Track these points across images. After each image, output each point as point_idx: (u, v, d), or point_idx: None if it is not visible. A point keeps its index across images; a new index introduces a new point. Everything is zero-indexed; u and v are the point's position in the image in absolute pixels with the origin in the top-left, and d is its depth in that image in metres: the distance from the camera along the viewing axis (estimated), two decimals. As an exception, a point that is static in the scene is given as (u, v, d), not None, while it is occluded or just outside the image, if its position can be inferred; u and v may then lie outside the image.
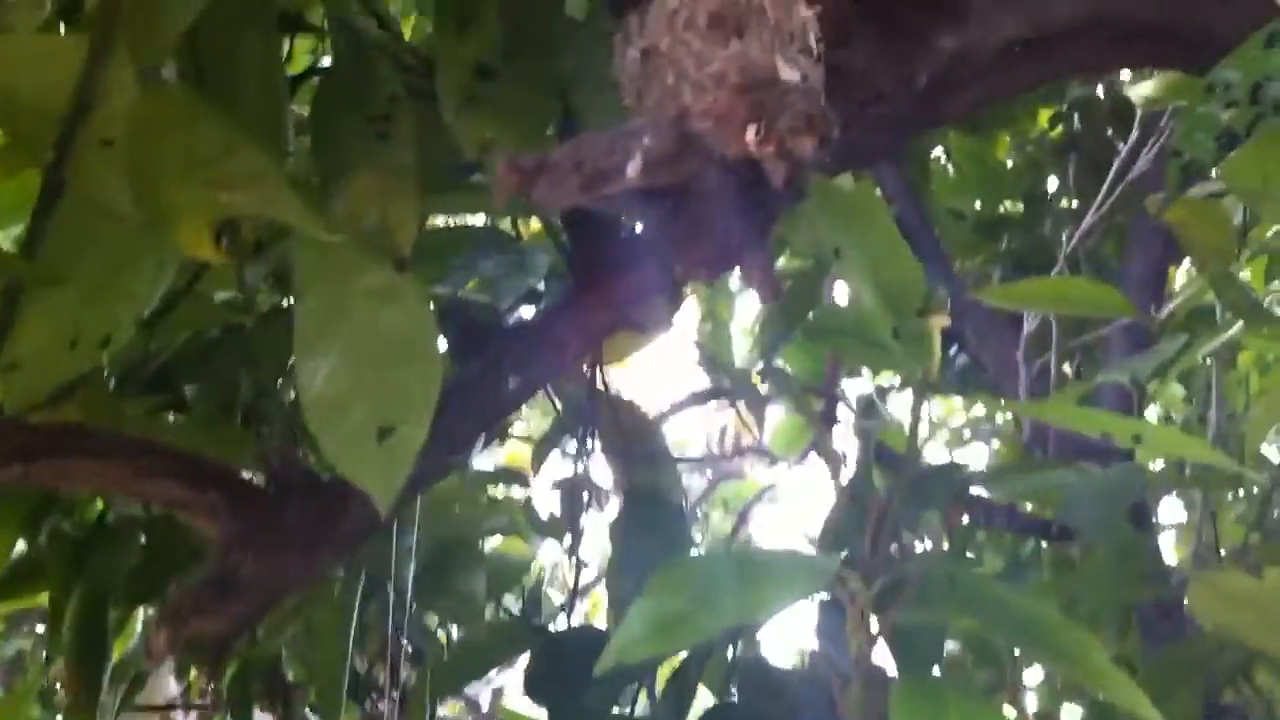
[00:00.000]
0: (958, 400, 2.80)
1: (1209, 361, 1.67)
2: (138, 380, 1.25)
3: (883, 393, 2.46)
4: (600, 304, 1.00)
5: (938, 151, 2.40)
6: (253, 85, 0.88)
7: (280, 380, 1.37)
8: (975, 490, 1.59)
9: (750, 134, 0.64)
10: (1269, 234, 1.41)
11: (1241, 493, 1.85)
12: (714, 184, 0.67)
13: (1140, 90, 1.59)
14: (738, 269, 0.67)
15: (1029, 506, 1.88)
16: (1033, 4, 0.83)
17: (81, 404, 1.00)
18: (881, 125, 0.83)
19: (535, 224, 1.38)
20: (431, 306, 0.99)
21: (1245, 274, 1.66)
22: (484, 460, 1.70)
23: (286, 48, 1.02)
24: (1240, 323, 1.40)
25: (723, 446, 3.50)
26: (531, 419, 1.94)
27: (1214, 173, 0.91)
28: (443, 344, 1.00)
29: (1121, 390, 2.00)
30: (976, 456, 2.95)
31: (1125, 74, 2.06)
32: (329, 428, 0.87)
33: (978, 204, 2.52)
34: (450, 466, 1.08)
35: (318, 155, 0.89)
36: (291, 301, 1.39)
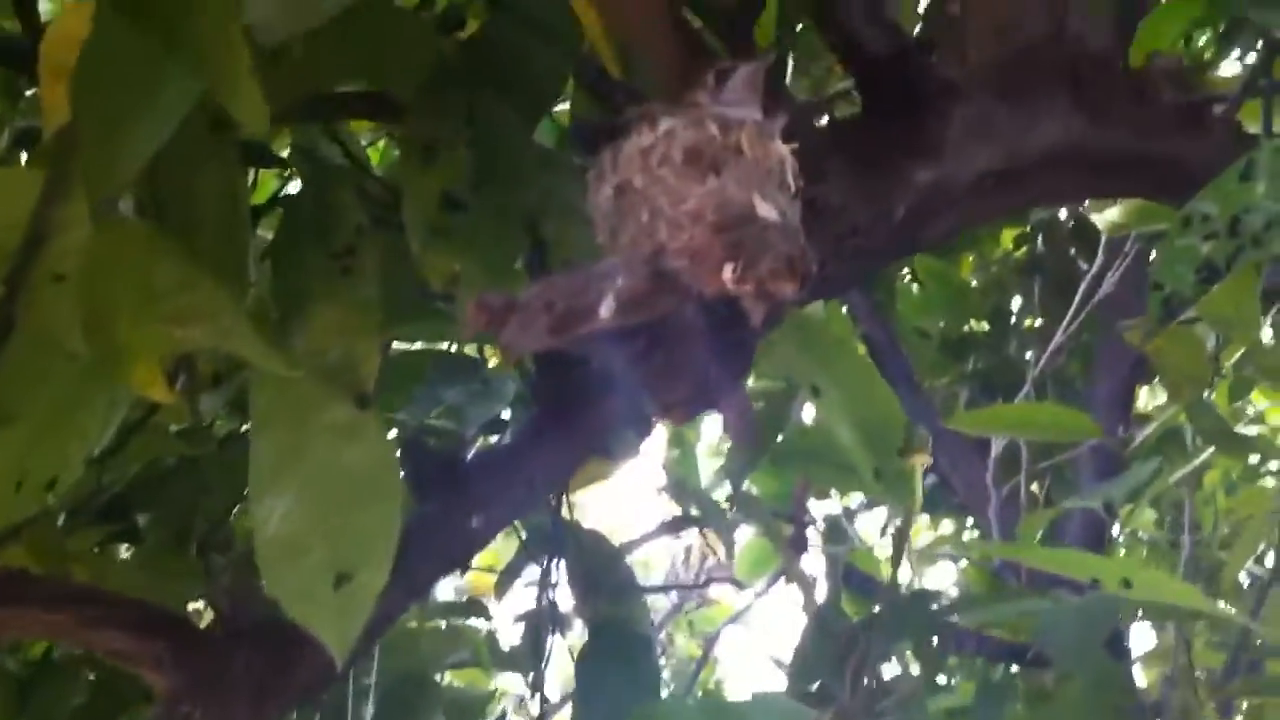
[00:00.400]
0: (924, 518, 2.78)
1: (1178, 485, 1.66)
2: (89, 510, 1.21)
3: (850, 514, 2.44)
4: (568, 438, 0.97)
5: (903, 271, 2.41)
6: (213, 218, 0.85)
7: (237, 509, 1.33)
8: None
9: (727, 272, 0.62)
10: (1235, 356, 1.41)
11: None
12: (689, 323, 0.64)
13: (1106, 216, 1.59)
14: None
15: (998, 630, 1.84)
16: (1008, 137, 0.82)
17: (28, 545, 0.96)
18: (856, 256, 0.82)
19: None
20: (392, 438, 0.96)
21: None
22: (444, 589, 1.65)
23: (251, 177, 1.00)
24: (1212, 448, 1.39)
25: (688, 569, 3.45)
26: (493, 546, 1.89)
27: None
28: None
29: (1092, 514, 1.98)
30: (944, 575, 2.92)
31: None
32: (283, 572, 0.83)
33: (943, 323, 2.52)
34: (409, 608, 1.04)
35: (279, 289, 0.87)
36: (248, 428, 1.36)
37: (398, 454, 0.91)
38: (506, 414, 1.36)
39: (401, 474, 0.98)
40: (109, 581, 1.15)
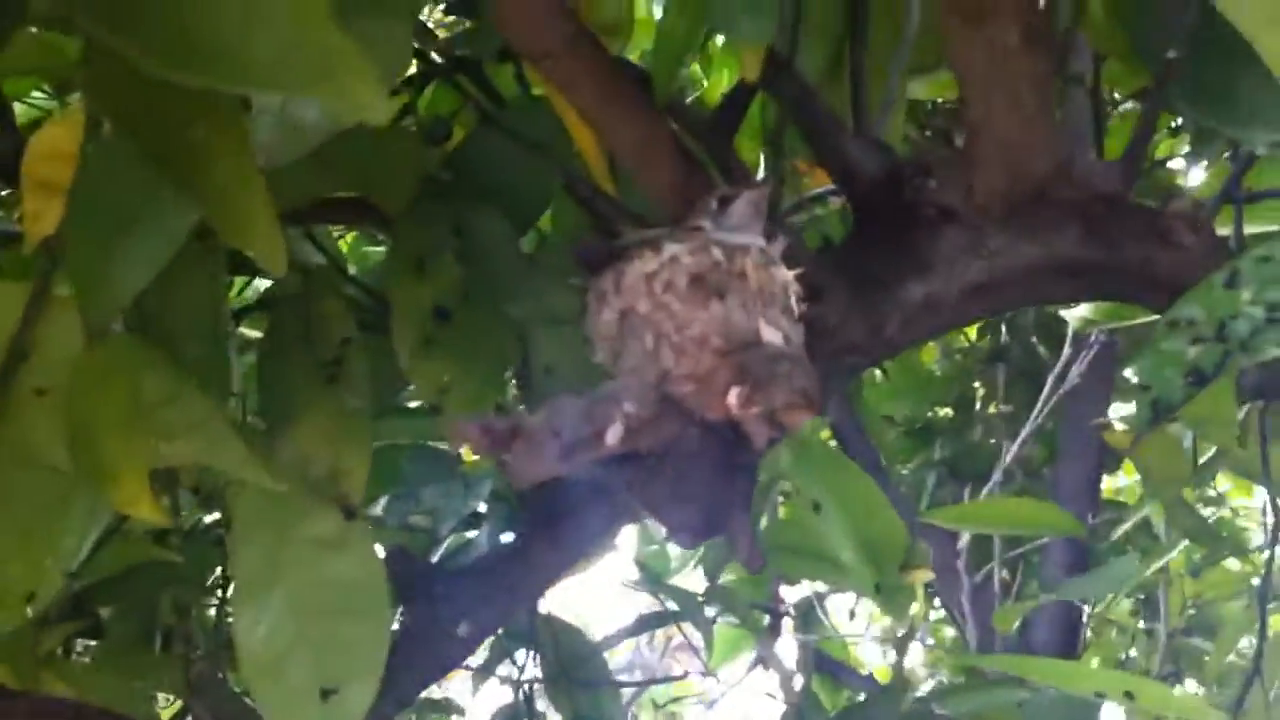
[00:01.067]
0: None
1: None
2: (55, 609, 1.19)
3: (820, 597, 2.42)
4: (552, 545, 0.96)
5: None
6: (196, 327, 0.84)
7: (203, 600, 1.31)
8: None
9: (733, 397, 0.62)
10: (1209, 455, 1.42)
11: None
12: (695, 447, 0.64)
13: (1076, 313, 1.61)
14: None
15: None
16: (992, 256, 0.83)
17: (2, 656, 0.93)
18: (850, 370, 0.82)
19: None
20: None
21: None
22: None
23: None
24: (1184, 541, 1.40)
25: (652, 648, 3.41)
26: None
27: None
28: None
29: (1064, 605, 1.98)
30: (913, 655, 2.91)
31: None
32: (268, 686, 0.82)
33: (909, 410, 2.53)
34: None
35: (264, 399, 0.86)
36: (215, 517, 1.34)
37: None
38: (481, 507, 1.35)
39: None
40: (77, 684, 1.12)
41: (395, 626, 0.94)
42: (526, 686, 1.46)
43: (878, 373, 2.52)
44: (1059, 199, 0.66)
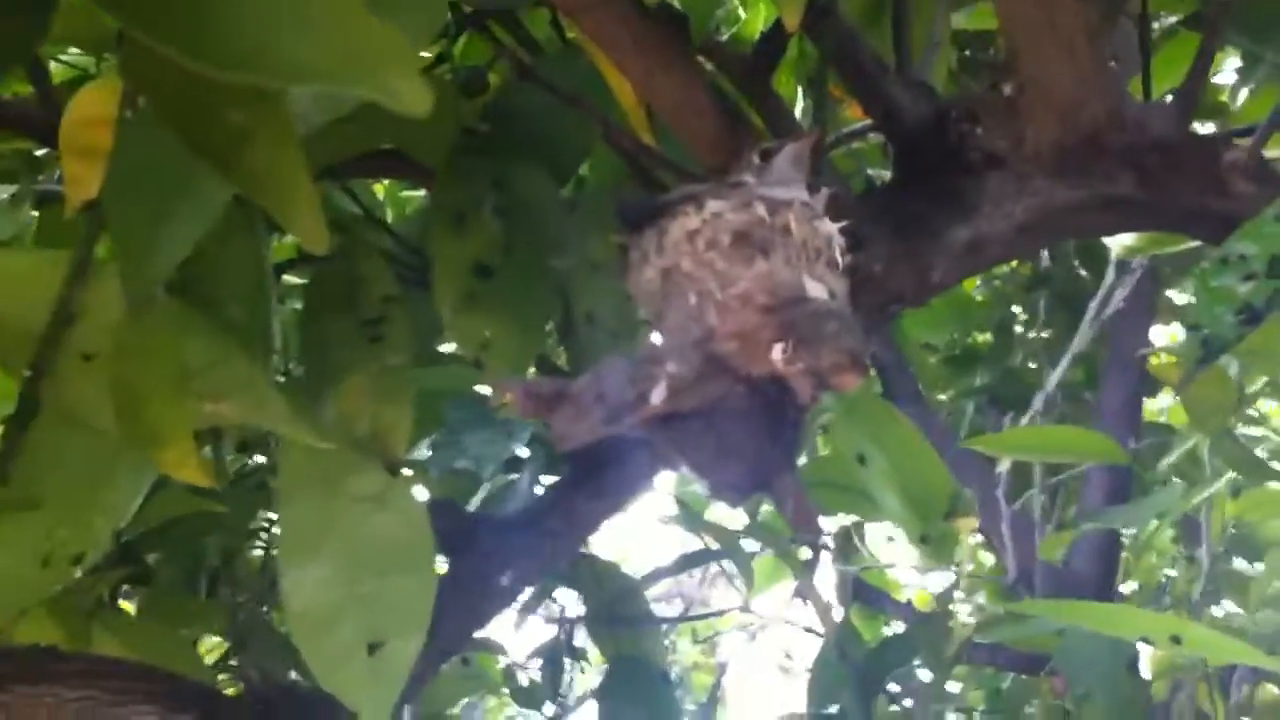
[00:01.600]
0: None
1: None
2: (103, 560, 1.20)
3: (859, 526, 2.43)
4: (594, 493, 0.96)
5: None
6: (239, 289, 0.84)
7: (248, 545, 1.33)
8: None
9: (777, 353, 0.61)
10: (1257, 385, 1.41)
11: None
12: (740, 405, 0.63)
13: (1120, 240, 1.59)
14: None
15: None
16: (1038, 194, 0.81)
17: (51, 613, 0.95)
18: (890, 315, 0.81)
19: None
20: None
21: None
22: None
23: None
24: (1230, 473, 1.39)
25: (690, 577, 3.44)
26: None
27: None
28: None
29: (1104, 531, 1.98)
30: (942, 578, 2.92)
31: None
32: (317, 643, 0.82)
33: (949, 338, 2.52)
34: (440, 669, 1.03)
35: (307, 359, 0.86)
36: (259, 460, 1.35)
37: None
38: (522, 451, 1.35)
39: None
40: (126, 636, 1.14)
41: (439, 577, 0.95)
42: (568, 625, 1.47)
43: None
44: (1112, 146, 0.64)
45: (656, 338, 0.65)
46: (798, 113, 1.16)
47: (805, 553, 1.87)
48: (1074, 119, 0.64)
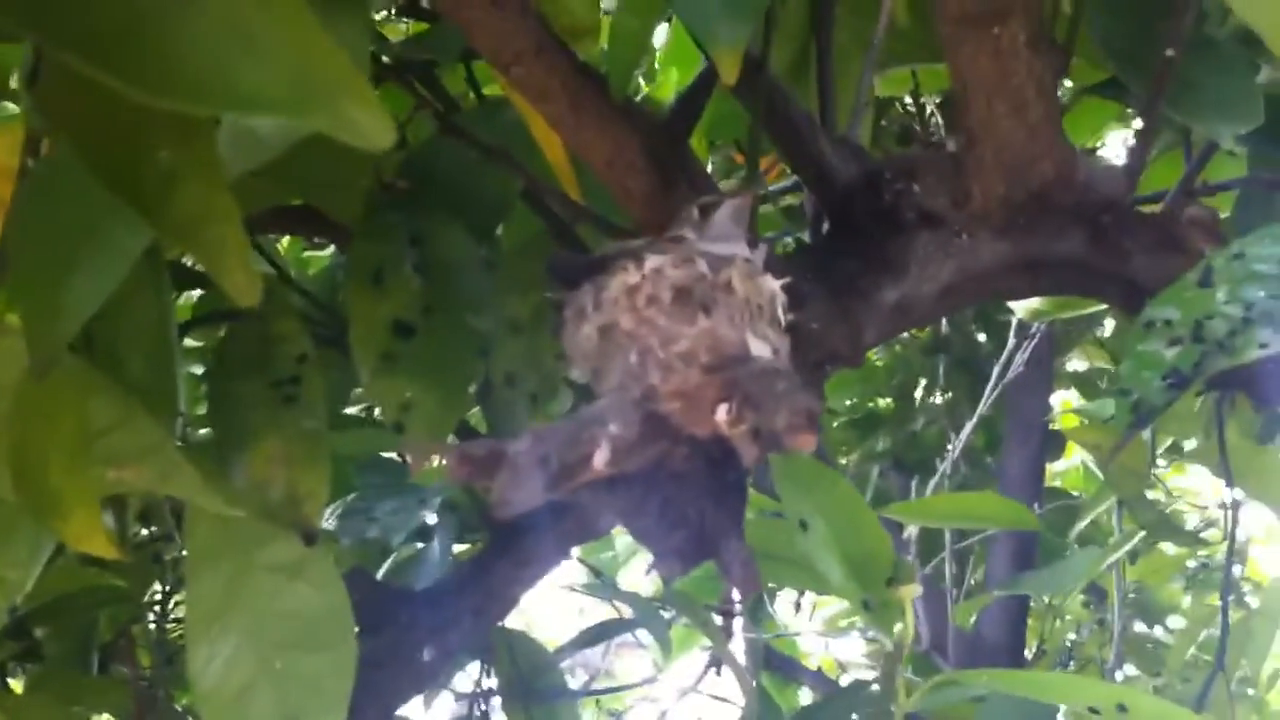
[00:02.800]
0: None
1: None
2: (-8, 632, 1.14)
3: (771, 592, 2.41)
4: (517, 562, 0.93)
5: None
6: (143, 347, 0.80)
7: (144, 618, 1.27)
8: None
9: (721, 413, 0.59)
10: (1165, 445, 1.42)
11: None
12: (682, 467, 0.61)
13: (1025, 304, 1.60)
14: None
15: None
16: (963, 255, 0.81)
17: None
18: (823, 377, 0.79)
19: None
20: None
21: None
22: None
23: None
24: (1142, 533, 1.40)
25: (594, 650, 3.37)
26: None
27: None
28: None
29: (1016, 600, 1.99)
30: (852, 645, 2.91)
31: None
32: (228, 721, 0.78)
33: (851, 401, 2.53)
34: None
35: (216, 421, 0.82)
36: (155, 532, 1.29)
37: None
38: (432, 519, 1.31)
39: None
40: (14, 715, 1.08)
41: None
42: (483, 700, 1.43)
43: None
44: (1062, 204, 0.64)
45: (585, 403, 0.63)
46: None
47: (718, 620, 1.85)
48: (1023, 175, 0.63)
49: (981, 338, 2.43)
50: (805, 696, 2.39)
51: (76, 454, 0.71)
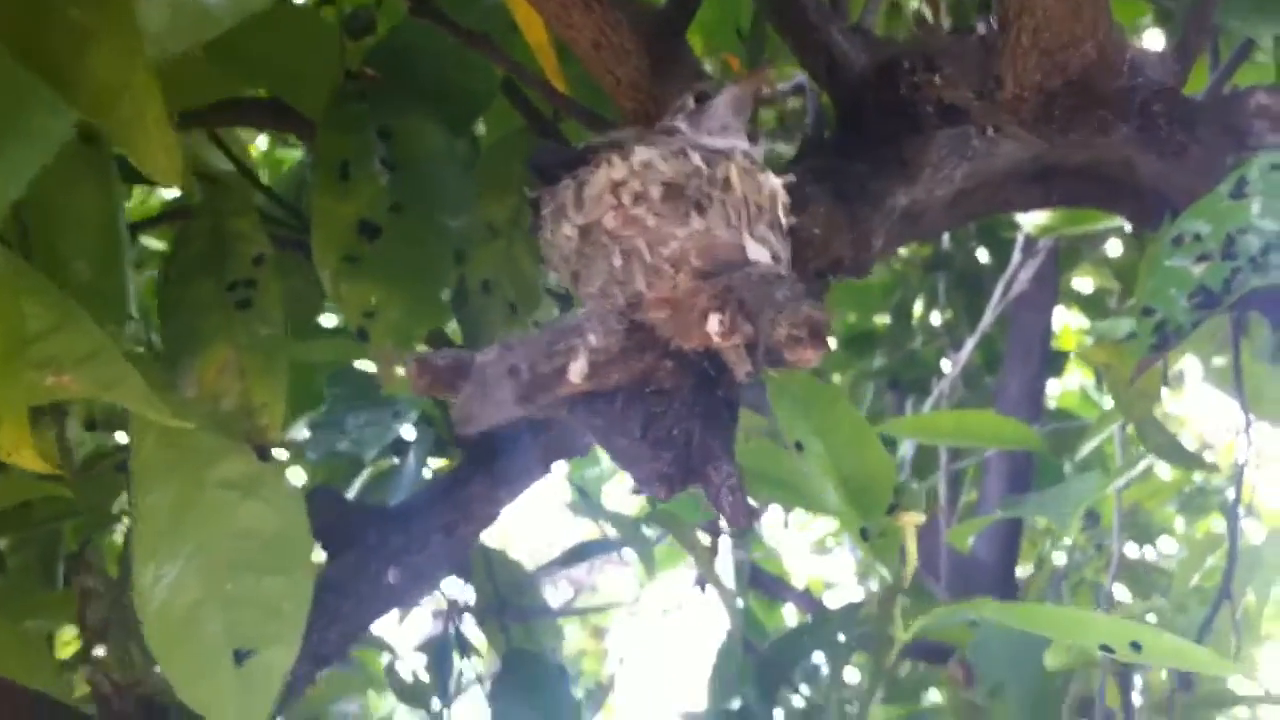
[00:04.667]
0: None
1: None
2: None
3: (755, 512, 2.36)
4: (491, 482, 0.88)
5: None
6: (88, 245, 0.74)
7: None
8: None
9: (713, 324, 0.53)
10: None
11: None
12: (669, 383, 0.55)
13: (1032, 219, 1.54)
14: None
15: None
16: (979, 157, 0.74)
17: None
18: (824, 287, 0.73)
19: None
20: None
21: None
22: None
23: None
24: (1148, 459, 1.34)
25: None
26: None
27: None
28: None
29: (1009, 523, 1.94)
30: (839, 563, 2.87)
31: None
32: (175, 649, 0.73)
33: (848, 319, 2.47)
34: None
35: (168, 326, 0.76)
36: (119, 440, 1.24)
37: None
38: (410, 434, 1.26)
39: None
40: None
41: (317, 575, 0.86)
42: (458, 617, 1.38)
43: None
44: (1106, 91, 0.57)
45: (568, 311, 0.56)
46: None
47: (705, 539, 1.80)
48: (1063, 59, 0.56)
49: (983, 255, 2.36)
50: (791, 616, 2.36)
51: (8, 358, 0.65)
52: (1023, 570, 2.20)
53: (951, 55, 0.61)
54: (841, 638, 1.54)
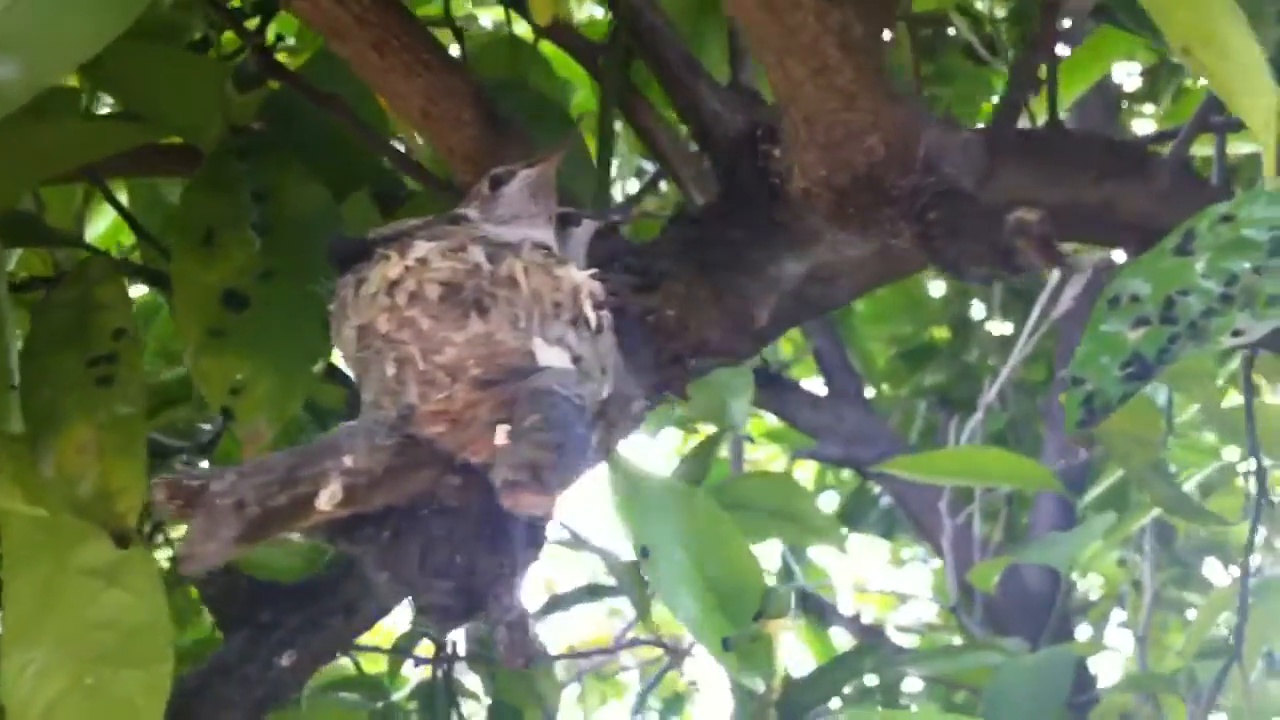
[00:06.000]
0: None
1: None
2: None
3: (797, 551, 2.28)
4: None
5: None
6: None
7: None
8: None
9: (501, 435, 0.48)
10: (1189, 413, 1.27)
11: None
12: (454, 500, 0.50)
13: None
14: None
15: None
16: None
17: None
18: (715, 363, 0.67)
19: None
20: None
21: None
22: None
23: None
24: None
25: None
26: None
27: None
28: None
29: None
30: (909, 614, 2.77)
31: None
32: (36, 743, 0.70)
33: (904, 330, 2.39)
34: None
35: (29, 402, 0.72)
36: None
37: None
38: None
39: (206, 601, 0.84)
40: None
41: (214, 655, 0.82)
42: (448, 664, 1.34)
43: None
44: (896, 191, 0.50)
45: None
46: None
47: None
48: (846, 154, 0.49)
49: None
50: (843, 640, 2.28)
51: None
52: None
53: (780, 133, 0.55)
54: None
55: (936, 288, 2.43)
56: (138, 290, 1.05)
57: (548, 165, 0.53)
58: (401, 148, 0.76)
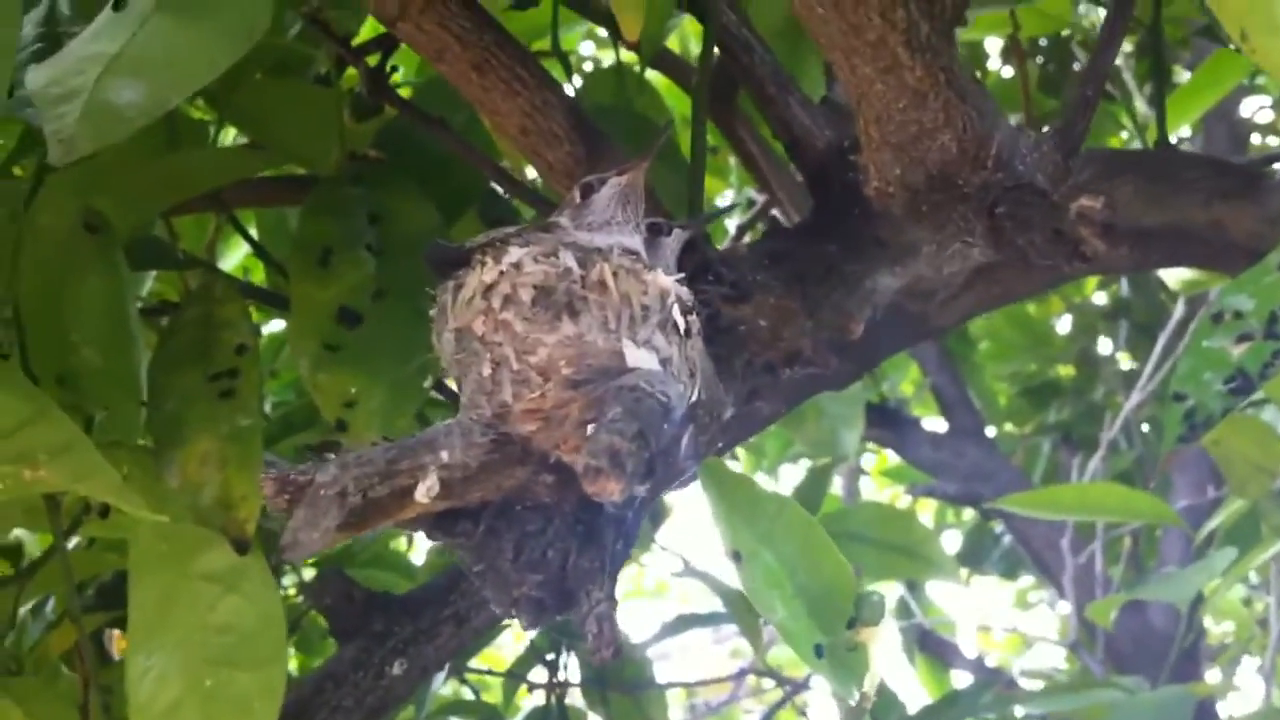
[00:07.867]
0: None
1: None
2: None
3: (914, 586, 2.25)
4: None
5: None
6: (96, 333, 0.75)
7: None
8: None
9: (589, 432, 0.49)
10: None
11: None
12: (549, 497, 0.51)
13: (1178, 275, 1.43)
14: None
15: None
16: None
17: None
18: (810, 381, 0.68)
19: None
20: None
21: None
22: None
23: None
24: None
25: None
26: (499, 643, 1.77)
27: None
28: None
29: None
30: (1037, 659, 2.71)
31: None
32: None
33: (1025, 368, 2.35)
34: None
35: (154, 415, 0.76)
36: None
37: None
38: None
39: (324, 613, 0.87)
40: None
41: (326, 662, 0.85)
42: (561, 690, 1.35)
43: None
44: (969, 187, 0.50)
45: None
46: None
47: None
48: (919, 153, 0.50)
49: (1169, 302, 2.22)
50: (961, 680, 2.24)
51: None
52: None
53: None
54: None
55: (1062, 325, 2.40)
56: (272, 327, 1.10)
57: (637, 173, 0.54)
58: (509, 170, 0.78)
